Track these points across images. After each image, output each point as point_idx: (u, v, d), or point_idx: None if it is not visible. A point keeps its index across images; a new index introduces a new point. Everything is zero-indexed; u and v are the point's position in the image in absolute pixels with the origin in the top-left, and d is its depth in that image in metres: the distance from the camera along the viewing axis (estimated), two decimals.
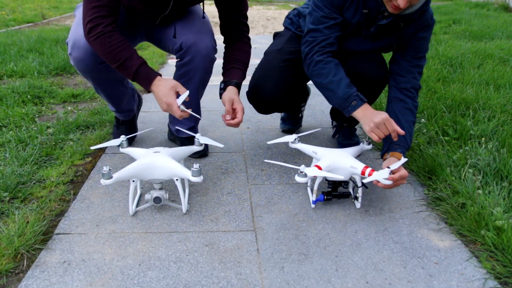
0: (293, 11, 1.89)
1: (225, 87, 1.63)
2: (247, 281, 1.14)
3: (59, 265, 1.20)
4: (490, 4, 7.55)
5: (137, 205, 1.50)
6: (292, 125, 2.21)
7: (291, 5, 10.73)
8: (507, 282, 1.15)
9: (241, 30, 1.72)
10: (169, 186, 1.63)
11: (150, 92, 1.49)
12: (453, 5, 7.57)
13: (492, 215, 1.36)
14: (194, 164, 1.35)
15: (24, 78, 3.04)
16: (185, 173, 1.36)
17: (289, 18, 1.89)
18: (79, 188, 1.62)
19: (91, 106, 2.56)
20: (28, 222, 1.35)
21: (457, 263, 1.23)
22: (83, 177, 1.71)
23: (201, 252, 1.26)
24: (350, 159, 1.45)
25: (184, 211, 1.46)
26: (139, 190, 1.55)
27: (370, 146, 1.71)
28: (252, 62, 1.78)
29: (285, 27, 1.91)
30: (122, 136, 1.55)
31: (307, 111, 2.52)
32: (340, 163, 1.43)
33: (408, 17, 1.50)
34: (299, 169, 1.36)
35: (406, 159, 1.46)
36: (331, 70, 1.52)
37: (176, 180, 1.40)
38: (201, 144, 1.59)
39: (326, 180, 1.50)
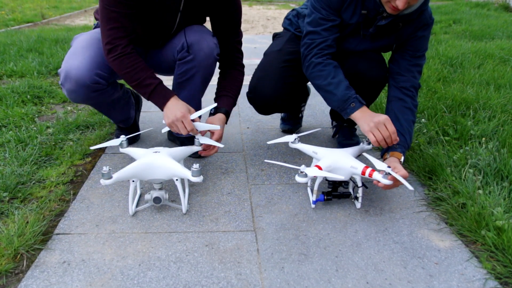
0: (292, 11, 1.88)
1: (215, 113, 1.69)
2: (247, 281, 1.14)
3: (59, 265, 1.19)
4: (491, 4, 7.54)
5: (137, 205, 1.49)
6: (292, 125, 2.21)
7: (291, 5, 10.73)
8: (508, 282, 1.15)
9: (236, 57, 1.78)
10: (169, 186, 1.63)
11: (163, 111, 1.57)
12: (454, 5, 7.56)
13: (492, 215, 1.35)
14: (194, 164, 1.35)
15: (23, 78, 3.04)
16: (185, 173, 1.36)
17: (288, 19, 1.89)
18: (79, 188, 1.62)
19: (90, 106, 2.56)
20: (27, 222, 1.34)
21: (458, 263, 1.23)
22: (83, 177, 1.70)
23: (201, 252, 1.26)
24: (350, 159, 1.45)
25: (184, 211, 1.46)
26: (139, 190, 1.54)
27: (370, 146, 1.70)
28: (252, 62, 1.78)
29: (284, 28, 1.91)
30: (122, 136, 1.55)
31: (307, 111, 2.52)
32: (340, 163, 1.43)
33: (407, 17, 1.49)
34: (299, 169, 1.36)
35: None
36: (330, 72, 1.52)
37: (176, 180, 1.40)
38: (201, 144, 1.59)
39: (326, 180, 1.50)
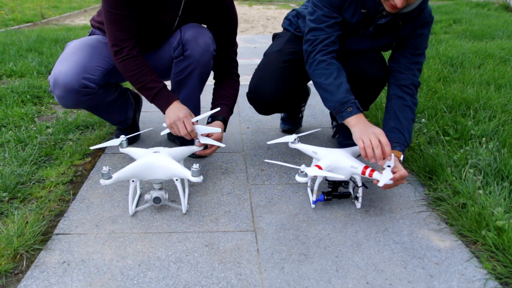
0: (292, 12, 1.88)
1: (212, 121, 1.69)
2: (247, 282, 1.14)
3: (59, 266, 1.19)
4: (491, 4, 7.54)
5: (137, 205, 1.49)
6: (292, 125, 2.20)
7: (291, 4, 10.73)
8: (508, 282, 1.15)
9: (231, 66, 1.80)
10: (169, 187, 1.62)
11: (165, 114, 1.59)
12: (454, 5, 7.56)
13: (492, 215, 1.35)
14: (194, 164, 1.35)
15: (23, 78, 3.04)
16: (185, 173, 1.36)
17: (287, 19, 1.89)
18: (78, 188, 1.61)
19: None
20: (27, 222, 1.34)
21: (458, 263, 1.23)
22: (82, 177, 1.70)
23: (201, 252, 1.26)
24: (350, 159, 1.44)
25: (184, 211, 1.45)
26: (138, 190, 1.54)
27: None
28: (252, 62, 1.78)
29: (284, 28, 1.90)
30: (122, 136, 1.55)
31: (307, 111, 2.52)
32: (340, 163, 1.43)
33: (407, 16, 1.49)
34: (299, 169, 1.36)
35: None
36: (333, 72, 1.50)
37: (176, 180, 1.40)
38: (201, 144, 1.59)
39: (326, 180, 1.50)
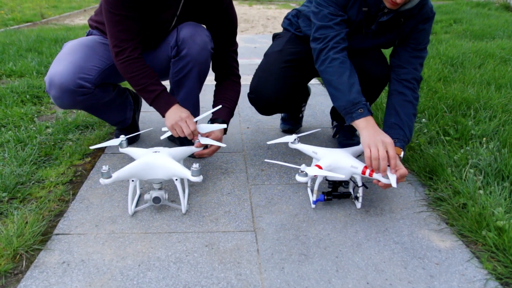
0: (292, 11, 1.87)
1: (212, 123, 1.68)
2: (247, 282, 1.14)
3: (58, 266, 1.19)
4: (491, 4, 7.54)
5: (136, 205, 1.49)
6: (292, 125, 2.20)
7: (292, 4, 10.73)
8: (508, 283, 1.14)
9: (231, 67, 1.79)
10: (169, 187, 1.62)
11: (164, 117, 1.58)
12: (454, 5, 7.56)
13: (493, 216, 1.35)
14: (193, 164, 1.35)
15: (23, 78, 3.03)
16: (185, 172, 1.35)
17: (287, 19, 1.88)
18: (78, 188, 1.61)
19: None
20: (27, 223, 1.34)
21: (458, 263, 1.22)
22: (82, 177, 1.70)
23: (201, 252, 1.26)
24: (351, 159, 1.44)
25: (183, 211, 1.45)
26: (138, 190, 1.54)
27: None
28: (252, 61, 1.78)
29: (284, 28, 1.90)
30: (122, 136, 1.55)
31: (307, 111, 2.52)
32: (340, 163, 1.43)
33: (408, 12, 1.49)
34: (299, 168, 1.36)
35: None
36: (345, 71, 1.47)
37: (176, 180, 1.40)
38: (200, 145, 1.58)
39: (327, 180, 1.49)
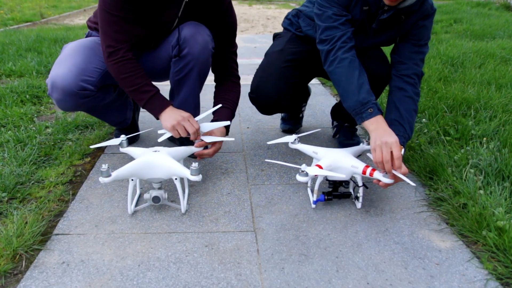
0: (292, 11, 1.87)
1: None
2: (247, 282, 1.14)
3: (58, 266, 1.19)
4: (492, 3, 7.54)
5: (136, 205, 1.49)
6: (292, 125, 2.20)
7: (291, 4, 10.73)
8: (509, 283, 1.14)
9: (231, 68, 1.78)
10: (169, 186, 1.62)
11: (158, 119, 1.57)
12: (455, 4, 7.56)
13: (493, 216, 1.35)
14: (193, 163, 1.35)
15: (22, 78, 3.03)
16: (184, 172, 1.35)
17: (288, 19, 1.88)
18: (78, 188, 1.61)
19: None
20: (26, 223, 1.34)
21: (459, 264, 1.22)
22: (82, 177, 1.70)
23: (201, 252, 1.25)
24: (351, 159, 1.44)
25: (183, 211, 1.45)
26: (138, 190, 1.54)
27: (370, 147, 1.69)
28: (252, 61, 1.77)
29: (285, 28, 1.90)
30: (122, 136, 1.54)
31: (307, 111, 2.51)
32: (341, 163, 1.43)
33: (409, 9, 1.48)
34: (300, 168, 1.35)
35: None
36: (354, 71, 1.47)
37: (175, 179, 1.40)
38: (199, 145, 1.58)
39: (327, 180, 1.49)
